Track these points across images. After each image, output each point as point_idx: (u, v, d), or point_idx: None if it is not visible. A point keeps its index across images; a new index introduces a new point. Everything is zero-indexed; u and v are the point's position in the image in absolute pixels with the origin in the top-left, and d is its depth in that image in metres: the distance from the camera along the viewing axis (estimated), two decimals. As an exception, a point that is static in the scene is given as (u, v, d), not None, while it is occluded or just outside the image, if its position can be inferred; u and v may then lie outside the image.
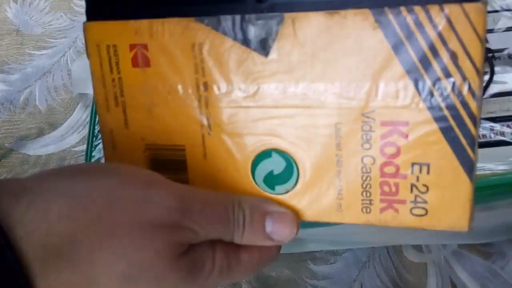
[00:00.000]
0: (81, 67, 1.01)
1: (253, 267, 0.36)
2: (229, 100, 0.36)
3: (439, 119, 0.32)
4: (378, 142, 0.33)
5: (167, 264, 0.31)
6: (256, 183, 0.37)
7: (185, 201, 0.33)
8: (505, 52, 0.68)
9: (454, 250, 0.79)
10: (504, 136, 0.62)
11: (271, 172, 0.36)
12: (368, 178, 0.34)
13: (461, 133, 0.32)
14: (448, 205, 0.33)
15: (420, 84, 0.32)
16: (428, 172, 0.33)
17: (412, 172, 0.33)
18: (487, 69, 0.66)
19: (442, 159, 0.33)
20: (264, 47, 0.35)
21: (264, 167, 0.36)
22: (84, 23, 0.40)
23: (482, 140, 0.62)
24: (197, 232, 0.33)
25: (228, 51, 0.35)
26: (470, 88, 0.31)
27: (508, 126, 0.62)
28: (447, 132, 0.32)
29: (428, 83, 0.32)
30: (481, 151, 0.61)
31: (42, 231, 0.28)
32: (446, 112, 0.32)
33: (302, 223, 0.57)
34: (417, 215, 0.34)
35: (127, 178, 0.33)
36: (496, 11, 0.71)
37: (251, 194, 0.37)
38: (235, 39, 0.35)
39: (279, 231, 0.35)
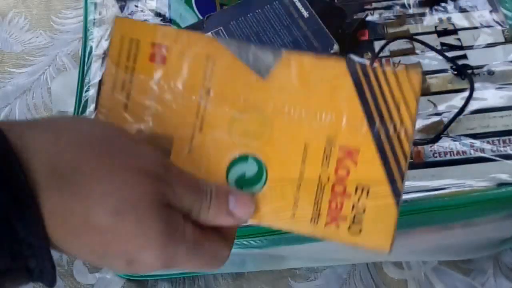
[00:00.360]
0: (60, 85, 1.00)
1: (214, 254, 0.40)
2: (225, 108, 0.42)
3: (382, 152, 0.39)
4: (334, 164, 0.40)
5: (149, 208, 0.34)
6: (228, 181, 0.41)
7: (166, 164, 0.37)
8: (485, 69, 0.68)
9: (434, 267, 0.79)
10: (484, 153, 0.62)
11: (243, 175, 0.41)
12: (321, 194, 0.40)
13: (396, 166, 0.39)
14: (377, 227, 0.39)
15: (372, 123, 0.39)
16: (367, 196, 0.39)
17: (355, 193, 0.39)
18: (467, 86, 0.66)
19: (379, 185, 0.39)
20: (263, 72, 0.42)
21: (239, 169, 0.41)
22: (116, 17, 0.44)
23: (462, 156, 0.62)
24: (174, 191, 0.36)
25: (235, 65, 0.42)
26: (406, 131, 0.39)
27: (488, 142, 0.62)
28: (385, 164, 0.39)
29: (377, 123, 0.39)
30: (461, 168, 0.61)
31: (51, 154, 0.32)
32: (387, 147, 0.39)
33: (283, 240, 0.57)
34: (352, 233, 0.39)
35: (123, 132, 0.39)
36: (476, 28, 0.72)
37: None
38: (241, 58, 0.42)
39: (239, 208, 0.39)
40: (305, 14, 0.70)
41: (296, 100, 0.41)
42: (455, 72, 0.68)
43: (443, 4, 0.74)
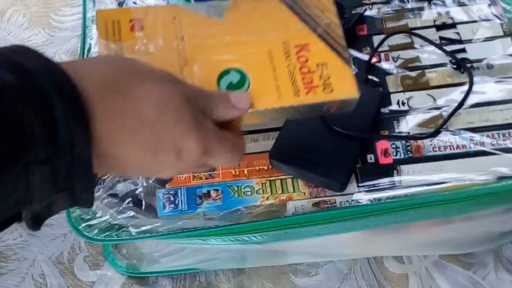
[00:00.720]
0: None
1: (234, 142, 0.48)
2: (198, 43, 0.55)
3: (324, 39, 0.55)
4: (295, 56, 0.54)
5: (179, 101, 0.42)
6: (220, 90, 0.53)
7: (176, 76, 0.45)
8: (484, 62, 0.68)
9: (435, 261, 0.79)
10: (484, 146, 0.62)
11: (230, 83, 0.53)
12: (293, 76, 0.53)
13: (337, 43, 0.55)
14: (342, 83, 0.53)
15: (310, 25, 0.56)
16: (327, 67, 0.54)
17: (317, 69, 0.54)
18: (466, 80, 0.66)
19: (331, 59, 0.54)
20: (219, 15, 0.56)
21: (226, 80, 0.53)
22: (97, 11, 0.57)
23: (462, 150, 0.62)
24: (191, 93, 0.44)
25: (197, 17, 0.56)
26: (333, 22, 0.56)
27: (488, 136, 0.62)
28: (330, 45, 0.55)
29: (313, 23, 0.56)
30: (461, 162, 0.61)
31: (95, 73, 0.39)
32: (326, 36, 0.55)
33: (283, 236, 0.57)
34: (327, 92, 0.52)
35: (138, 61, 0.44)
36: (475, 21, 0.71)
37: None
38: (200, 11, 0.56)
39: (239, 101, 0.49)
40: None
41: (252, 25, 0.56)
42: (454, 66, 0.68)
43: (441, -2, 0.74)
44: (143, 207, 0.63)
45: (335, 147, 0.61)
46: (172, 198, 0.62)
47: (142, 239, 0.62)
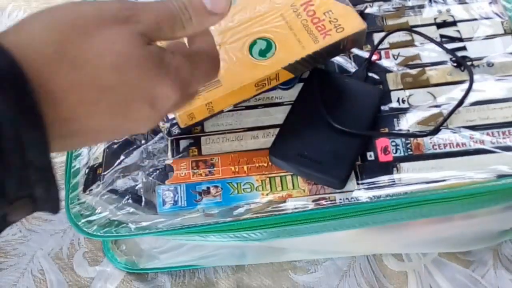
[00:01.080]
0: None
1: (208, 59, 0.45)
2: (223, 28, 0.64)
3: None
4: (304, 13, 0.64)
5: (139, 48, 0.37)
6: (253, 58, 0.63)
7: (129, 6, 0.39)
8: (484, 60, 0.68)
9: (434, 259, 0.79)
10: (484, 144, 0.62)
11: (260, 49, 0.63)
12: (308, 28, 0.63)
13: None
14: (350, 20, 0.63)
15: None
16: (333, 13, 0.64)
17: (326, 16, 0.64)
18: (467, 77, 0.66)
19: (334, 6, 0.64)
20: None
21: (256, 49, 0.63)
22: None
23: (461, 148, 0.62)
24: (150, 27, 0.39)
25: None
26: None
27: (487, 134, 0.62)
28: None
29: None
30: (461, 160, 0.61)
31: (37, 43, 0.33)
32: None
33: (283, 233, 0.57)
34: (340, 31, 0.63)
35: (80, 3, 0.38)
36: (475, 19, 0.71)
37: (251, 66, 0.62)
38: None
39: (217, 3, 0.42)
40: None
41: (261, 0, 0.66)
42: (455, 64, 0.68)
43: (442, -4, 0.74)
44: (143, 203, 0.63)
45: (335, 145, 0.61)
46: (171, 195, 0.62)
47: (142, 235, 0.62)
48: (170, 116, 0.61)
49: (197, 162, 0.64)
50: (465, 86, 0.65)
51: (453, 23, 0.71)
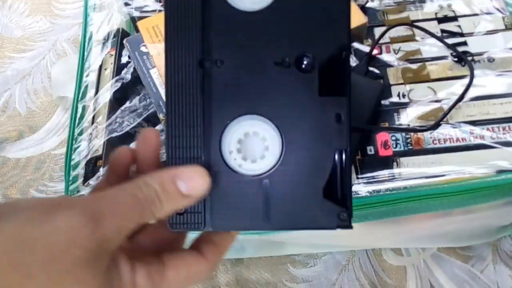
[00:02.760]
0: (60, 70, 1.00)
1: (181, 286, 0.37)
2: None
3: None
4: None
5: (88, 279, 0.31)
6: None
7: (92, 213, 0.32)
8: (485, 56, 0.68)
9: (433, 253, 0.79)
10: (484, 140, 0.62)
11: None
12: None
13: None
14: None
15: None
16: None
17: None
18: (467, 73, 0.66)
19: None
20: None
21: None
22: (137, 22, 0.70)
23: (461, 143, 0.62)
24: (113, 237, 0.32)
25: None
26: None
27: (488, 129, 0.62)
28: None
29: None
30: (461, 155, 0.61)
31: None
32: None
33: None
34: None
35: (30, 212, 0.31)
36: (476, 15, 0.71)
37: None
38: None
39: (193, 186, 0.36)
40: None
41: None
42: (455, 59, 0.68)
43: (443, -9, 0.74)
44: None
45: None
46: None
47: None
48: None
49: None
50: (466, 81, 0.65)
51: (454, 18, 0.71)
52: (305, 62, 0.38)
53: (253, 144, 0.38)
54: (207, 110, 0.38)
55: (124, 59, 0.73)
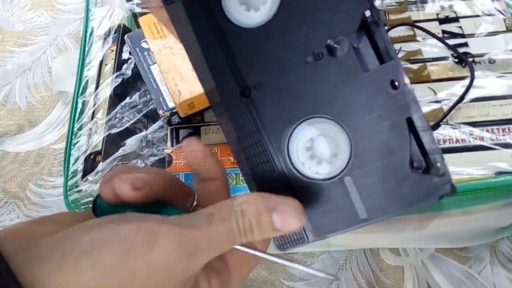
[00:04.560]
0: (61, 65, 1.00)
1: (243, 280, 0.39)
2: None
3: None
4: None
5: None
6: None
7: (188, 246, 0.33)
8: (486, 57, 0.68)
9: (431, 254, 0.79)
10: (483, 141, 0.62)
11: None
12: None
13: None
14: None
15: None
16: None
17: None
18: (468, 74, 0.66)
19: None
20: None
21: None
22: (139, 18, 0.69)
23: (461, 144, 0.62)
24: (203, 265, 0.34)
25: None
26: None
27: (487, 131, 0.62)
28: None
29: None
30: (460, 156, 0.61)
31: None
32: None
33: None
34: None
35: (127, 244, 0.32)
36: (477, 16, 0.71)
37: None
38: None
39: (288, 223, 0.34)
40: None
41: None
42: (456, 60, 0.68)
43: (445, -8, 0.74)
44: (141, 192, 0.63)
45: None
46: (170, 184, 0.62)
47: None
48: (171, 105, 0.61)
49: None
50: (466, 82, 0.65)
51: (456, 19, 0.71)
52: (336, 46, 0.36)
53: (322, 147, 0.37)
54: (265, 135, 0.37)
55: (125, 55, 0.73)
